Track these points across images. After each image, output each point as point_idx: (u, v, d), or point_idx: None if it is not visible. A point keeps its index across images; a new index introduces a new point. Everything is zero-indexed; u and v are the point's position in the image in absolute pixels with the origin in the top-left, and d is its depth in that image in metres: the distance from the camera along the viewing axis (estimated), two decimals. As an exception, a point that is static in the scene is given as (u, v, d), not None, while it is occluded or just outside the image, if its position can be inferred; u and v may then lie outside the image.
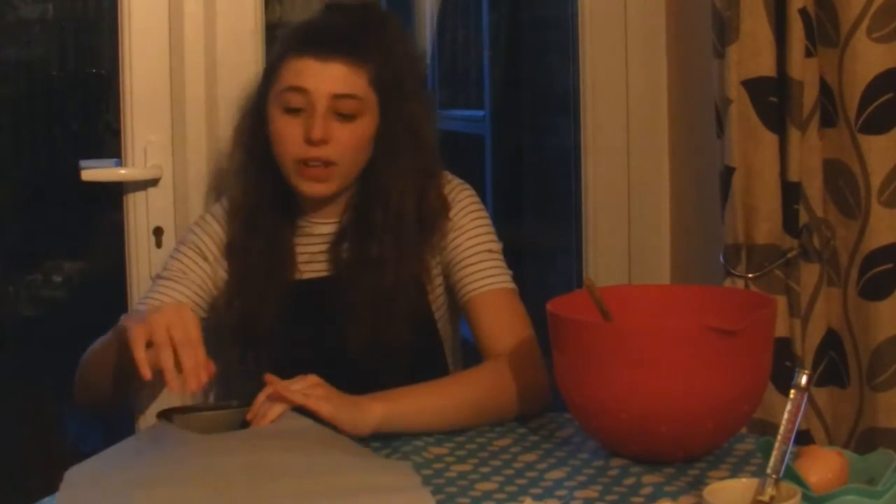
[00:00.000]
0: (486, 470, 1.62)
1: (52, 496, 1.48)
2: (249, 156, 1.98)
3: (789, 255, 2.11)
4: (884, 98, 2.02)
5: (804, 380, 1.38)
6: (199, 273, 1.96)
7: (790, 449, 1.35)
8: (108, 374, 1.80)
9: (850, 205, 2.08)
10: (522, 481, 1.57)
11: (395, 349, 1.89)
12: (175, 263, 1.97)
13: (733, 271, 2.13)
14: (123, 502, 1.42)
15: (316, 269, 1.97)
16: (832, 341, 2.14)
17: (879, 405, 2.05)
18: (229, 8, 2.30)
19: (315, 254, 1.98)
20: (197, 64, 2.28)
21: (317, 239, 1.98)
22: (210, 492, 1.42)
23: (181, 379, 1.63)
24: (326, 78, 1.88)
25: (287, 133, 1.89)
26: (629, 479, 1.57)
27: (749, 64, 2.07)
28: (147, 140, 2.28)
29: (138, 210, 2.30)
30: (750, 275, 2.11)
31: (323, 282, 1.96)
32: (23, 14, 3.16)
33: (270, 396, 1.68)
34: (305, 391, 1.68)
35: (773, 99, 2.07)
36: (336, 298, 1.92)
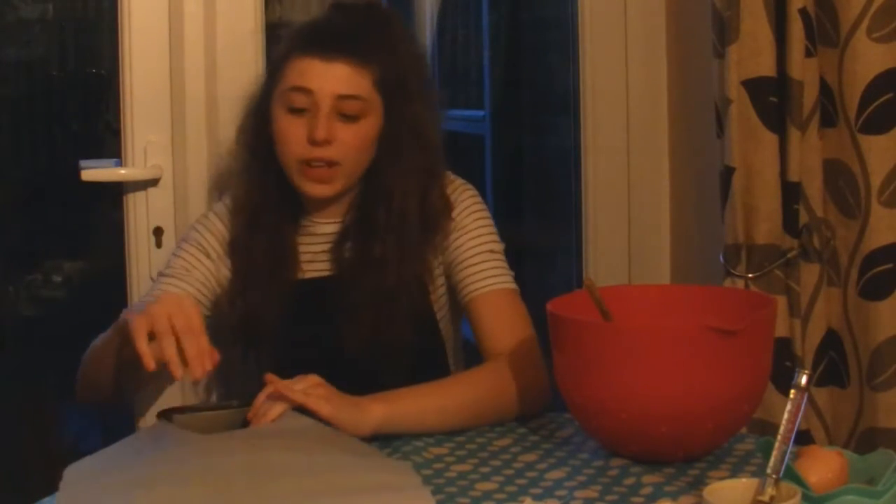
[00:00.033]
0: (486, 470, 1.62)
1: (52, 496, 1.48)
2: (253, 155, 1.98)
3: (789, 255, 2.11)
4: (884, 98, 2.02)
5: (804, 380, 1.38)
6: (203, 270, 1.96)
7: (790, 449, 1.35)
8: (111, 370, 1.79)
9: (850, 205, 2.08)
10: (522, 481, 1.57)
11: (397, 349, 1.89)
12: (178, 261, 1.96)
13: (733, 271, 2.13)
14: (123, 501, 1.41)
15: (318, 269, 1.97)
16: (832, 341, 2.14)
17: (879, 405, 2.05)
18: (229, 8, 2.30)
19: (318, 253, 1.97)
20: (197, 64, 2.28)
21: (320, 238, 1.98)
22: (210, 491, 1.42)
23: (185, 367, 1.60)
24: (330, 78, 1.87)
25: (290, 133, 1.89)
26: (629, 479, 1.57)
27: (749, 64, 2.07)
28: (147, 140, 2.28)
29: (138, 210, 2.30)
30: (750, 275, 2.11)
31: (325, 281, 1.96)
32: (23, 14, 3.16)
33: (271, 396, 1.68)
34: (306, 391, 1.68)
35: (773, 99, 2.07)
36: (338, 298, 1.92)
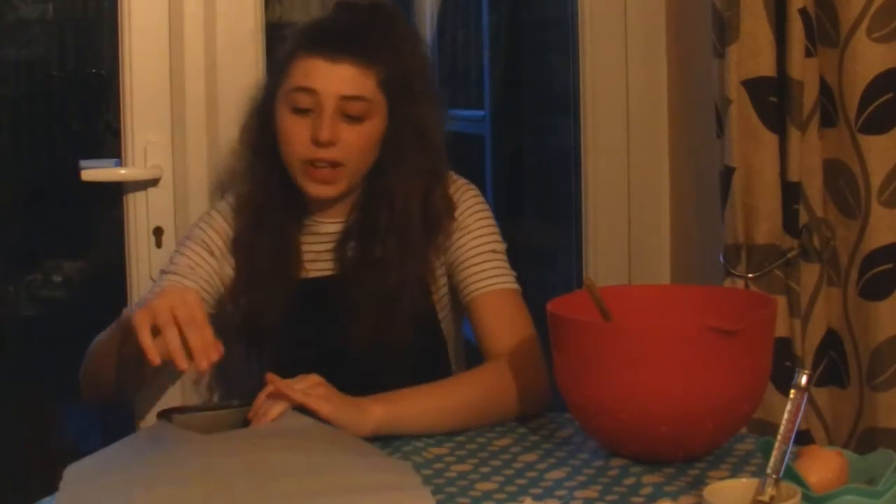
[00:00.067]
0: (486, 470, 1.62)
1: (52, 496, 1.48)
2: (256, 154, 1.98)
3: (789, 255, 2.11)
4: (884, 98, 2.02)
5: (804, 380, 1.38)
6: (206, 268, 1.96)
7: (790, 449, 1.35)
8: (113, 367, 1.78)
9: (850, 205, 2.08)
10: (522, 481, 1.57)
11: (399, 349, 1.89)
12: (181, 259, 1.96)
13: (733, 271, 2.13)
14: (123, 501, 1.41)
15: (321, 269, 1.97)
16: (832, 341, 2.14)
17: (879, 405, 2.05)
18: (229, 8, 2.30)
19: (320, 253, 1.97)
20: (197, 64, 2.28)
21: (323, 238, 1.98)
22: (210, 491, 1.42)
23: (190, 360, 1.59)
24: (335, 79, 1.87)
25: (294, 133, 1.89)
26: (629, 479, 1.57)
27: (749, 64, 2.07)
28: (147, 140, 2.28)
29: (138, 210, 2.30)
30: (750, 275, 2.11)
31: (328, 281, 1.96)
32: (23, 14, 3.16)
33: (271, 395, 1.68)
34: (306, 390, 1.68)
35: (773, 99, 2.07)
36: (340, 298, 1.91)
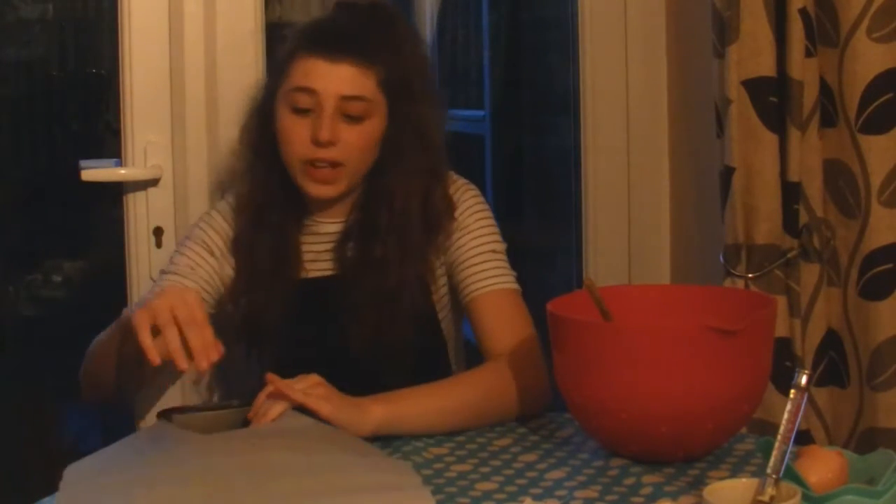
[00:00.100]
0: (486, 470, 1.62)
1: (52, 496, 1.48)
2: (256, 154, 1.98)
3: (789, 255, 2.11)
4: (884, 98, 2.02)
5: (804, 380, 1.38)
6: (207, 268, 1.95)
7: (790, 449, 1.35)
8: (113, 367, 1.78)
9: (850, 205, 2.08)
10: (522, 481, 1.57)
11: (399, 349, 1.89)
12: (182, 259, 1.96)
13: (733, 271, 2.13)
14: (123, 501, 1.41)
15: (321, 268, 1.97)
16: (832, 341, 2.14)
17: (879, 405, 2.05)
18: (229, 8, 2.30)
19: (320, 252, 1.97)
20: (197, 64, 2.28)
21: (323, 238, 1.98)
22: (210, 491, 1.42)
23: (190, 360, 1.58)
24: (335, 79, 1.87)
25: (294, 133, 1.89)
26: (629, 479, 1.57)
27: (749, 64, 2.07)
28: (147, 140, 2.28)
29: (138, 210, 2.30)
30: (750, 275, 2.11)
31: (328, 281, 1.96)
32: (23, 14, 3.16)
33: (271, 395, 1.68)
34: (306, 390, 1.68)
35: (773, 99, 2.07)
36: (340, 298, 1.91)
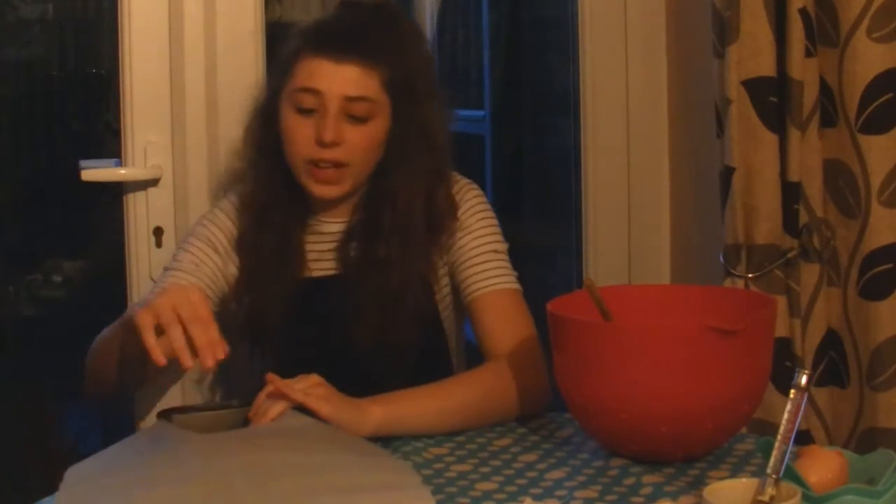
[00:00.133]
0: (486, 470, 1.62)
1: (52, 496, 1.48)
2: (260, 153, 1.98)
3: (789, 255, 2.11)
4: (884, 98, 2.02)
5: (804, 380, 1.38)
6: (211, 265, 1.95)
7: (790, 449, 1.35)
8: (115, 365, 1.77)
9: (850, 205, 2.08)
10: (522, 481, 1.57)
11: (401, 350, 1.89)
12: (186, 255, 1.95)
13: (733, 271, 2.13)
14: (123, 501, 1.41)
15: (324, 268, 1.97)
16: (832, 341, 2.14)
17: (879, 405, 2.05)
18: (229, 8, 2.30)
19: (324, 252, 1.97)
20: (197, 64, 2.28)
21: (326, 237, 1.98)
22: (210, 491, 1.42)
23: (195, 358, 1.56)
24: (339, 80, 1.87)
25: (298, 133, 1.89)
26: (629, 479, 1.57)
27: (749, 64, 2.07)
28: (147, 140, 2.28)
29: (138, 210, 2.30)
30: (750, 275, 2.11)
31: (330, 280, 1.96)
32: (23, 14, 3.15)
33: (271, 395, 1.68)
34: (306, 390, 1.68)
35: (773, 99, 2.07)
36: (343, 297, 1.91)
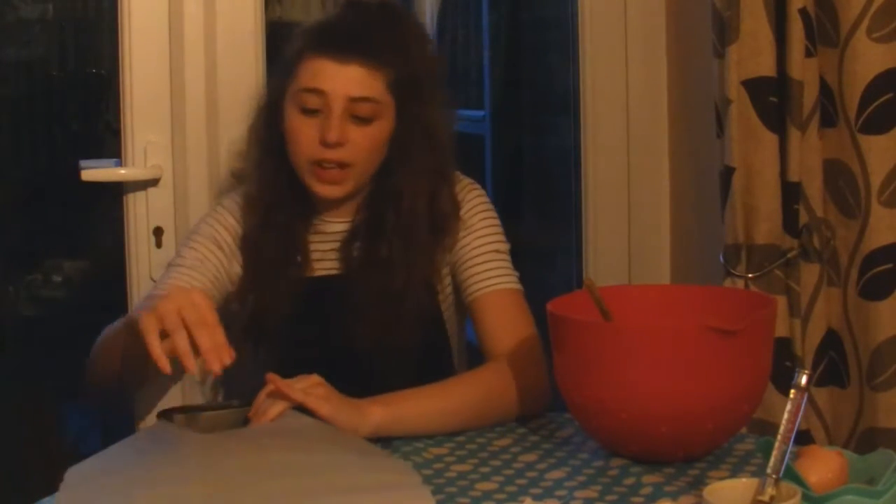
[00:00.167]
0: (486, 470, 1.62)
1: (52, 496, 1.48)
2: (265, 153, 1.97)
3: (789, 255, 2.11)
4: (884, 98, 2.02)
5: (804, 380, 1.38)
6: (215, 262, 1.94)
7: (790, 449, 1.35)
8: (119, 361, 1.77)
9: (850, 205, 2.08)
10: (522, 481, 1.57)
11: (403, 350, 1.89)
12: (190, 252, 1.94)
13: (733, 271, 2.13)
14: (123, 501, 1.41)
15: (327, 267, 1.97)
16: (832, 341, 2.14)
17: (879, 405, 2.05)
18: (229, 8, 2.30)
19: (327, 252, 1.97)
20: (197, 64, 2.28)
21: (329, 237, 1.98)
22: (210, 491, 1.42)
23: (200, 362, 1.54)
24: (344, 80, 1.87)
25: (302, 134, 1.89)
26: (629, 479, 1.57)
27: (749, 64, 2.07)
28: (147, 140, 2.28)
29: (138, 210, 2.30)
30: (750, 275, 2.11)
31: (333, 280, 1.96)
32: (23, 14, 3.15)
33: (271, 394, 1.68)
34: (306, 390, 1.68)
35: (773, 99, 2.07)
36: (345, 297, 1.91)
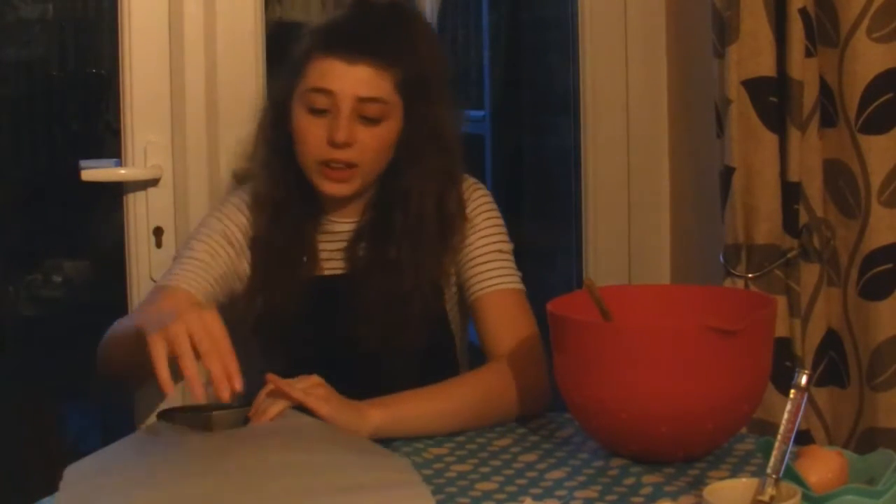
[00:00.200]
0: (486, 470, 1.62)
1: (52, 496, 1.48)
2: (272, 152, 1.97)
3: (789, 255, 2.11)
4: (884, 98, 2.02)
5: (804, 380, 1.38)
6: (225, 258, 1.94)
7: (790, 449, 1.35)
8: (129, 364, 1.76)
9: (850, 205, 2.08)
10: (522, 481, 1.57)
11: (408, 351, 1.89)
12: (201, 245, 1.94)
13: (733, 271, 2.13)
14: (123, 501, 1.41)
15: (334, 267, 1.97)
16: (832, 341, 2.14)
17: (879, 405, 2.05)
18: (229, 8, 2.30)
19: (334, 251, 1.98)
20: (197, 64, 2.28)
21: (336, 237, 1.98)
22: (210, 491, 1.42)
23: (209, 389, 1.54)
24: (352, 80, 1.86)
25: (310, 134, 1.89)
26: (629, 479, 1.57)
27: (749, 64, 2.07)
28: (147, 140, 2.28)
29: (138, 210, 2.30)
30: (750, 275, 2.12)
31: (339, 279, 1.96)
32: (23, 14, 3.15)
33: (271, 394, 1.68)
34: (306, 390, 1.68)
35: (773, 99, 2.07)
36: (350, 297, 1.92)
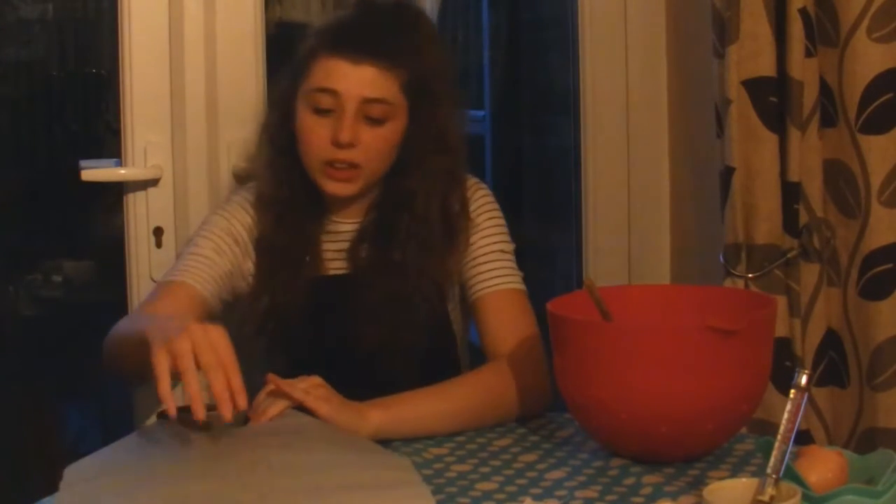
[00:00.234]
0: (486, 470, 1.62)
1: (52, 496, 1.48)
2: (277, 151, 1.97)
3: (789, 255, 2.11)
4: (884, 98, 2.02)
5: (804, 380, 1.38)
6: (231, 257, 1.94)
7: (790, 449, 1.35)
8: (132, 364, 1.73)
9: (850, 205, 2.08)
10: (522, 481, 1.57)
11: (409, 351, 1.89)
12: (207, 242, 1.94)
13: (733, 271, 2.13)
14: (123, 501, 1.42)
15: (337, 267, 1.97)
16: (832, 341, 2.14)
17: (879, 405, 2.05)
18: (229, 8, 2.30)
19: (337, 252, 1.98)
20: (197, 64, 2.28)
21: (340, 237, 1.98)
22: (210, 490, 1.42)
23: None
24: (357, 81, 1.86)
25: (315, 134, 1.89)
26: (629, 479, 1.57)
27: (749, 64, 2.07)
28: (147, 140, 2.28)
29: (138, 210, 2.30)
30: (750, 275, 2.11)
31: (342, 280, 1.96)
32: (23, 14, 3.15)
33: (271, 394, 1.68)
34: (306, 390, 1.68)
35: (773, 99, 2.07)
36: (352, 297, 1.92)
